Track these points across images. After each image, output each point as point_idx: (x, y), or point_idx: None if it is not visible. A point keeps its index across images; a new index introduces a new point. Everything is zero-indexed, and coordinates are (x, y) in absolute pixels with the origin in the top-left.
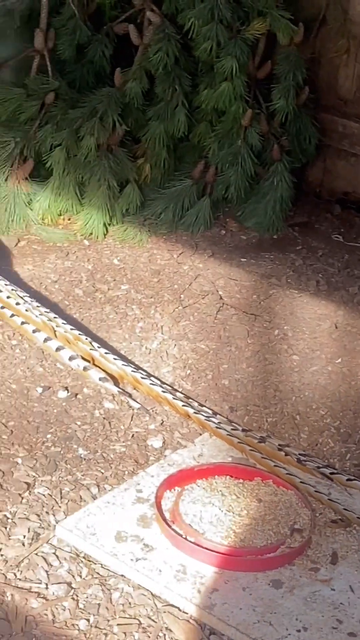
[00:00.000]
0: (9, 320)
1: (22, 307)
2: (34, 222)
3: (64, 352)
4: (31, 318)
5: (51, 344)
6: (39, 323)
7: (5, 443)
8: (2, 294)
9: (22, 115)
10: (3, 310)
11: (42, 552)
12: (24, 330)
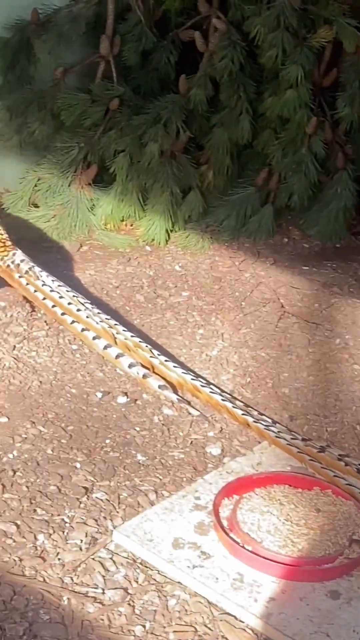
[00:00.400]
0: (70, 327)
1: (83, 314)
2: (96, 227)
3: (124, 359)
4: (92, 325)
5: (111, 351)
6: (99, 330)
7: (64, 447)
8: (64, 300)
9: (86, 120)
10: (64, 317)
11: (99, 557)
12: (84, 337)
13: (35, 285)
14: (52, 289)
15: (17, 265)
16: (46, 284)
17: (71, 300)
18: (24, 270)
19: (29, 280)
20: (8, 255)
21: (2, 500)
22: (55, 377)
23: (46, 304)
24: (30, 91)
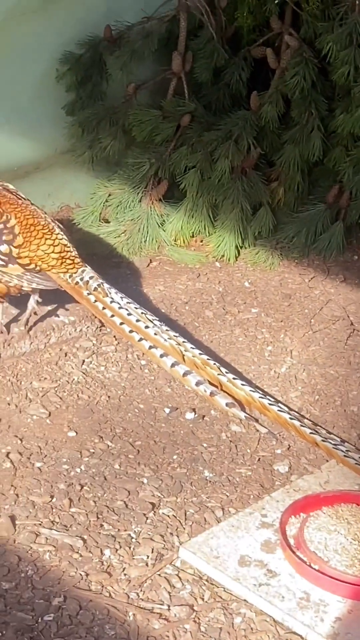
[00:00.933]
0: (137, 344)
1: (151, 331)
2: (166, 243)
3: (191, 377)
4: (159, 342)
5: (178, 369)
6: (167, 347)
7: (132, 462)
8: (132, 317)
9: (157, 136)
10: (132, 335)
11: (165, 573)
12: (152, 354)
13: (103, 302)
14: (120, 306)
15: (86, 283)
16: (115, 300)
17: (139, 317)
18: (93, 287)
19: (97, 297)
20: (77, 273)
21: (69, 515)
22: (123, 392)
23: (114, 321)
24: (102, 107)
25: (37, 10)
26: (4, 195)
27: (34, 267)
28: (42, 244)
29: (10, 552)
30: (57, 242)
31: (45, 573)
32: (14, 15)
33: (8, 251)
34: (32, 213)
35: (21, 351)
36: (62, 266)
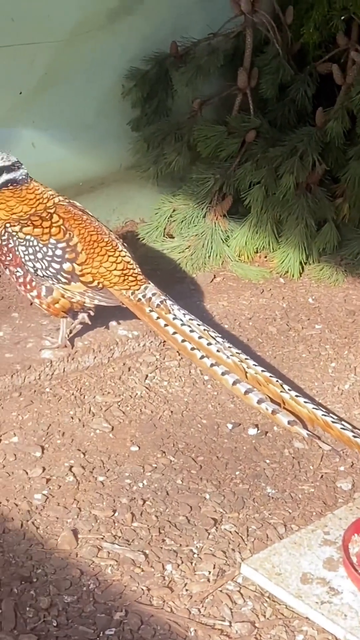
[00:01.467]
0: (199, 362)
1: (214, 348)
2: (230, 258)
3: (253, 394)
4: (222, 359)
5: (240, 387)
6: (229, 364)
7: (194, 478)
8: (194, 334)
9: (222, 152)
10: (194, 352)
11: (226, 589)
12: (213, 372)
13: (165, 319)
14: (182, 323)
15: (149, 299)
16: (177, 317)
17: (202, 333)
18: (156, 303)
19: (159, 314)
20: (139, 290)
21: (132, 529)
22: (186, 407)
23: (176, 338)
24: (167, 123)
25: (103, 26)
26: (68, 211)
27: (96, 285)
28: (104, 261)
29: (72, 566)
30: (119, 259)
31: (107, 587)
32: (80, 32)
33: (71, 269)
34: (95, 230)
35: (85, 365)
36: (125, 283)
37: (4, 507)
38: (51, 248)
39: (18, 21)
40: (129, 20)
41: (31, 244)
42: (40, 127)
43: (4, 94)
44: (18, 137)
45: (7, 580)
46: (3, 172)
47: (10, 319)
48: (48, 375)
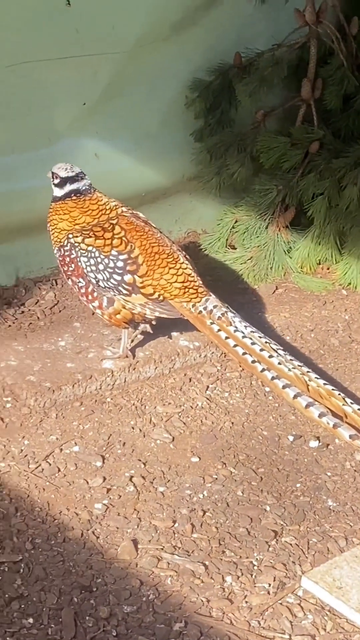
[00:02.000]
0: (260, 375)
1: (275, 360)
2: (292, 270)
3: (314, 408)
4: (283, 372)
5: (300, 400)
6: (291, 377)
7: (255, 490)
8: (256, 347)
9: (285, 163)
10: (255, 365)
11: (287, 602)
12: (274, 385)
13: (226, 331)
14: (244, 335)
15: (210, 312)
16: (238, 329)
17: (263, 346)
18: (217, 316)
19: (220, 326)
20: (200, 302)
21: (192, 540)
22: (247, 418)
23: (237, 350)
24: (230, 133)
25: (168, 38)
26: (130, 222)
27: (157, 297)
28: (165, 273)
29: (132, 576)
30: (180, 271)
31: (167, 598)
32: (144, 44)
33: (132, 281)
34: (157, 241)
35: (146, 376)
36: (185, 296)
37: (64, 516)
38: (112, 260)
39: (82, 33)
40: (193, 32)
41: (93, 255)
42: (104, 138)
43: (68, 104)
44: (81, 147)
45: (67, 589)
46: (67, 182)
47: (72, 329)
48: (109, 385)
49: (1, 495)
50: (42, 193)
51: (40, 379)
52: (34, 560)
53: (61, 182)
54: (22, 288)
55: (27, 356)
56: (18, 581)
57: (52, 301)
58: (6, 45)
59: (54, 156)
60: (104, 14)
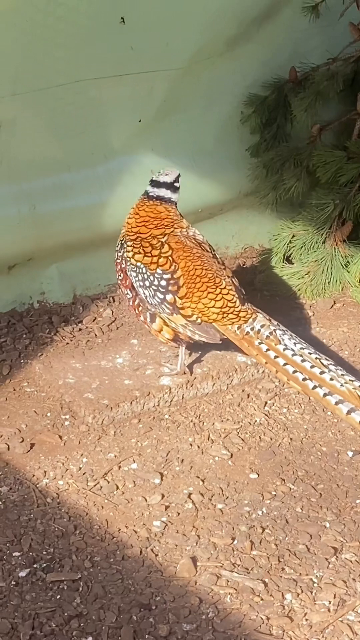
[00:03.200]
0: (312, 393)
1: (327, 376)
2: (350, 284)
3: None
4: (335, 387)
5: (354, 416)
6: (343, 392)
7: (314, 506)
8: (306, 364)
9: (342, 177)
10: (305, 382)
11: (347, 620)
12: (327, 402)
13: (276, 350)
14: (294, 353)
15: (257, 332)
16: (288, 347)
17: (314, 362)
18: (265, 335)
19: (269, 345)
20: (247, 323)
21: (251, 557)
22: (305, 434)
23: (287, 370)
24: (286, 148)
25: (223, 53)
26: (180, 242)
27: (195, 319)
28: (203, 297)
29: (191, 594)
30: (219, 296)
31: (226, 616)
32: (199, 60)
33: (173, 301)
34: (202, 264)
35: (204, 392)
36: (224, 320)
37: (123, 533)
38: (157, 278)
39: (137, 50)
40: (248, 47)
41: (140, 270)
42: (160, 154)
43: (124, 122)
44: (138, 164)
45: (127, 607)
46: (161, 186)
47: (130, 346)
48: (167, 402)
49: (60, 513)
50: (98, 210)
51: (98, 397)
52: (92, 579)
53: (155, 183)
54: (79, 305)
55: (85, 373)
56: (77, 599)
57: (110, 318)
58: (61, 63)
59: (110, 173)
60: (158, 30)
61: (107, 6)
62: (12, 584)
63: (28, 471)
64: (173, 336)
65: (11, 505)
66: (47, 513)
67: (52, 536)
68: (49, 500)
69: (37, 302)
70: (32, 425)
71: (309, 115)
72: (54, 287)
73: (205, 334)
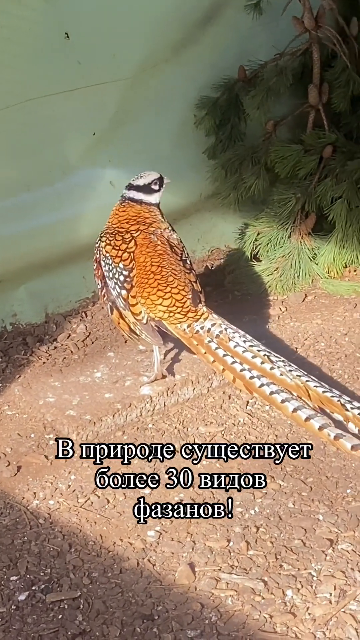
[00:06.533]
0: (258, 391)
1: (277, 372)
2: (319, 276)
3: (314, 421)
4: (285, 381)
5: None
6: (292, 386)
7: (306, 500)
8: (256, 360)
9: (301, 170)
10: (252, 381)
11: (349, 610)
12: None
13: (226, 348)
14: (245, 350)
15: (208, 330)
16: (239, 345)
17: (263, 359)
18: (215, 334)
19: (220, 343)
20: (197, 322)
21: (248, 557)
22: (290, 429)
23: (235, 368)
24: (242, 147)
25: (170, 59)
26: (147, 239)
27: (142, 318)
28: (152, 294)
29: (192, 600)
30: (168, 295)
31: (229, 618)
32: (147, 67)
33: (126, 297)
34: (160, 262)
35: (185, 397)
36: (171, 319)
37: (118, 547)
38: (119, 271)
39: (84, 64)
40: (194, 50)
41: (108, 262)
42: (118, 166)
43: (78, 136)
44: (96, 177)
45: (129, 619)
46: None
47: (107, 359)
48: (149, 411)
49: (54, 533)
50: (62, 227)
51: (80, 413)
52: (93, 595)
53: (129, 186)
54: (52, 324)
55: (65, 391)
56: (79, 617)
57: (84, 333)
58: (10, 84)
59: (70, 189)
60: (103, 43)
61: (50, 23)
62: (12, 609)
63: (17, 494)
64: (129, 332)
65: (4, 530)
66: (40, 534)
67: (48, 556)
68: (42, 521)
69: (10, 324)
70: (16, 448)
71: (261, 112)
72: (25, 308)
73: (151, 335)
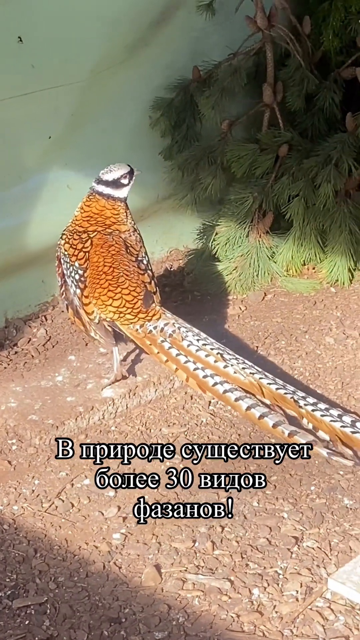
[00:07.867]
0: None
1: (230, 370)
2: (278, 274)
3: (268, 419)
4: (239, 379)
5: (254, 412)
6: (246, 384)
7: (270, 498)
8: (210, 359)
9: (257, 170)
10: (205, 380)
11: (316, 607)
12: (227, 399)
13: (179, 347)
14: (198, 348)
15: (161, 330)
16: (193, 344)
17: (216, 357)
18: (168, 333)
19: (173, 343)
20: (151, 322)
21: (214, 557)
22: (252, 428)
23: (188, 367)
24: (198, 148)
25: (124, 61)
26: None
27: (94, 317)
28: (103, 294)
29: (159, 601)
30: (118, 295)
31: (197, 619)
32: (101, 70)
33: (80, 295)
34: (112, 263)
35: (147, 399)
36: (122, 319)
37: (84, 550)
38: (75, 270)
39: (38, 67)
40: (148, 52)
41: (66, 260)
42: (74, 169)
43: (34, 140)
44: (53, 181)
45: (96, 623)
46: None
47: (68, 362)
48: (112, 414)
49: (18, 539)
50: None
51: (42, 417)
52: (59, 599)
53: (98, 180)
54: (12, 328)
55: (26, 396)
56: (46, 622)
57: (44, 337)
58: None
59: (27, 193)
60: (56, 46)
61: (3, 27)
62: None
63: None
64: (85, 331)
65: None
66: (5, 540)
67: (14, 562)
68: (6, 527)
69: None
70: None
71: (216, 112)
72: None
73: (104, 336)
